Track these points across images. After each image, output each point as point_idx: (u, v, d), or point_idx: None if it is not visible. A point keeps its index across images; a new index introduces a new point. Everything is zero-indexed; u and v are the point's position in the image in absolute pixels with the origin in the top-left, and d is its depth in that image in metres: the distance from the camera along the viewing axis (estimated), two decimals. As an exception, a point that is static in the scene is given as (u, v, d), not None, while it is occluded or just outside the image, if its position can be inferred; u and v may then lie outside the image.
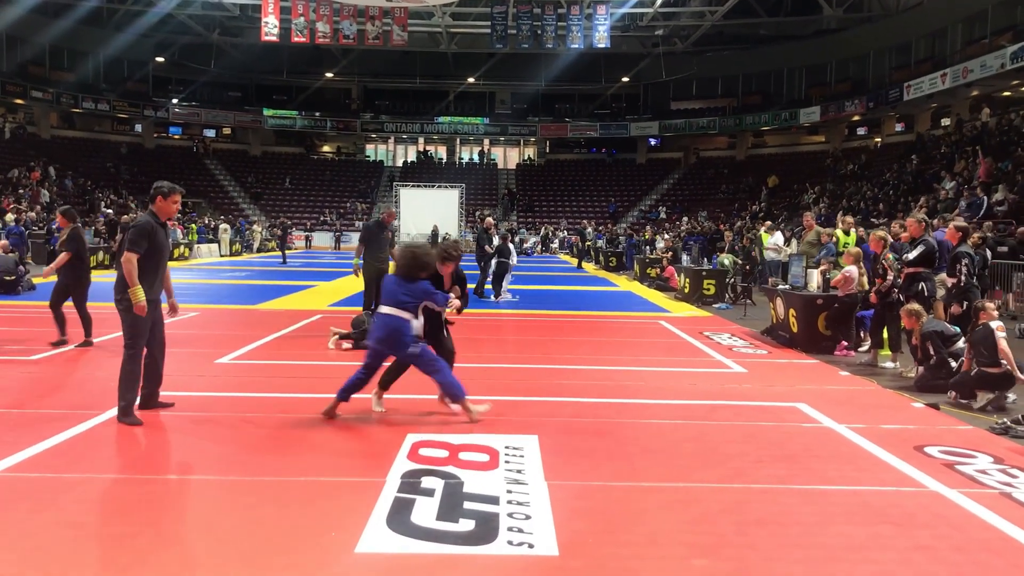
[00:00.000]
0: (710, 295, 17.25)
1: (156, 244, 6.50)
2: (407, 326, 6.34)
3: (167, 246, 6.74)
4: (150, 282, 6.46)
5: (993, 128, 30.63)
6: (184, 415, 6.71)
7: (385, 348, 6.43)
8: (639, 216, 49.62)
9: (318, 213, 50.45)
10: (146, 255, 6.41)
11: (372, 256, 11.72)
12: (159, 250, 6.56)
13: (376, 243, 11.82)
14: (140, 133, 52.28)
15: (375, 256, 11.69)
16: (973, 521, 4.57)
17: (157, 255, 6.53)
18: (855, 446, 6.13)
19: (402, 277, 6.45)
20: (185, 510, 4.56)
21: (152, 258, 6.48)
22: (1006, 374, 7.58)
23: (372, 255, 11.73)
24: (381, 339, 6.39)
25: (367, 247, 11.79)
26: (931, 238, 9.61)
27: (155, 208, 6.61)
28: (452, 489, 4.88)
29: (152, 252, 6.46)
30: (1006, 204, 21.37)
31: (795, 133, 50.44)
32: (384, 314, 6.38)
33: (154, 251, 6.49)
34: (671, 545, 4.16)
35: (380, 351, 6.46)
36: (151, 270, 6.49)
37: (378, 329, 6.41)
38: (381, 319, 6.40)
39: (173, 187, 6.66)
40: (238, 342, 10.46)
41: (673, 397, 7.66)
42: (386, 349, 6.44)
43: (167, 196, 6.59)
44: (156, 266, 6.56)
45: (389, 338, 6.35)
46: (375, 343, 6.43)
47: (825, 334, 10.73)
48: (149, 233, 6.46)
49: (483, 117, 55.95)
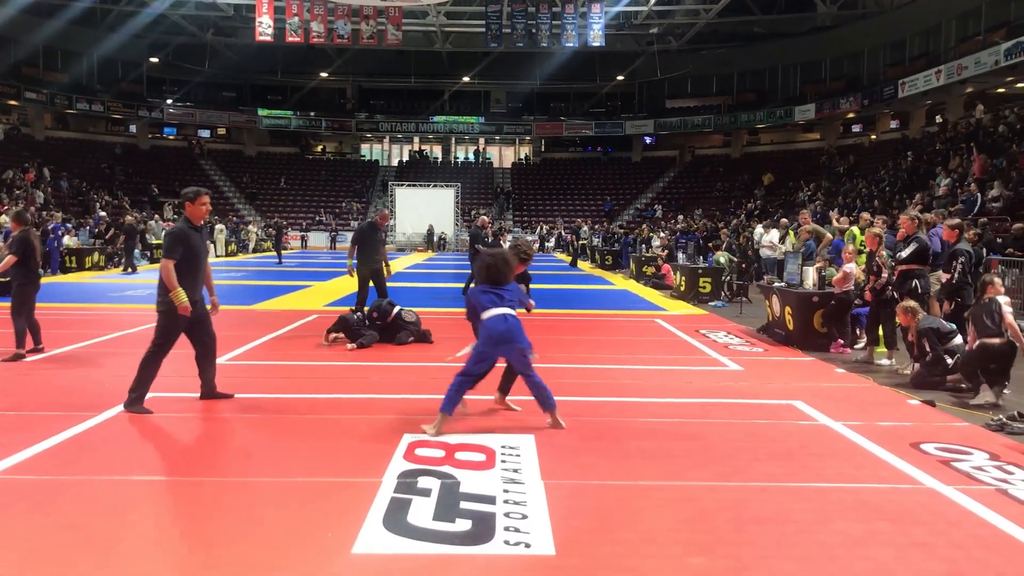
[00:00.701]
0: (706, 293, 17.27)
1: (191, 248, 6.79)
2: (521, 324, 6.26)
3: (203, 248, 6.98)
4: (190, 284, 6.74)
5: (987, 125, 30.68)
6: (180, 416, 6.71)
7: (503, 348, 6.17)
8: (635, 214, 49.61)
9: (313, 213, 50.41)
10: (183, 259, 6.71)
11: (366, 257, 11.72)
12: (195, 254, 6.84)
13: (369, 245, 11.82)
14: (134, 134, 52.12)
15: (369, 257, 11.69)
16: (969, 518, 4.58)
17: (194, 258, 6.82)
18: (851, 443, 6.13)
19: (495, 282, 6.30)
20: (182, 511, 4.55)
21: (189, 262, 6.77)
22: (1009, 345, 7.58)
23: (366, 256, 11.73)
24: (503, 338, 6.11)
25: (360, 248, 11.79)
26: (923, 235, 9.62)
27: (187, 214, 6.95)
28: (448, 489, 4.87)
29: (189, 256, 6.75)
30: (1001, 200, 21.40)
31: (790, 131, 50.47)
32: (500, 316, 6.13)
33: (190, 255, 6.77)
34: (668, 543, 4.16)
35: (492, 354, 6.23)
36: (189, 273, 6.77)
37: (498, 330, 6.10)
38: (499, 321, 6.12)
39: (198, 190, 6.97)
40: (234, 343, 10.43)
41: (669, 395, 7.67)
42: (503, 349, 6.18)
43: (194, 200, 6.90)
44: (194, 269, 6.84)
45: (511, 337, 6.12)
46: (491, 346, 6.14)
47: (821, 331, 10.75)
48: (183, 239, 6.76)
49: (478, 116, 55.90)
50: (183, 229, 6.86)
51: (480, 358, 6.20)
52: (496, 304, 6.17)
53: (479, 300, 6.26)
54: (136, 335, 11.25)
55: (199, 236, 6.95)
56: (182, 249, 6.73)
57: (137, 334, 11.32)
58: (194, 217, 6.94)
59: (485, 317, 6.15)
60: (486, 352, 6.20)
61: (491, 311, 6.15)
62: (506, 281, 6.37)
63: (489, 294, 6.25)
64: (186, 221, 6.94)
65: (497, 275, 6.34)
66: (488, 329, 6.14)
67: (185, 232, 6.83)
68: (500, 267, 6.39)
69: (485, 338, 6.15)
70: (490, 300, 6.21)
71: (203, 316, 6.99)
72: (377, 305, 10.76)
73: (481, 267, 6.46)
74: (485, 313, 6.16)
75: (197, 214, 6.95)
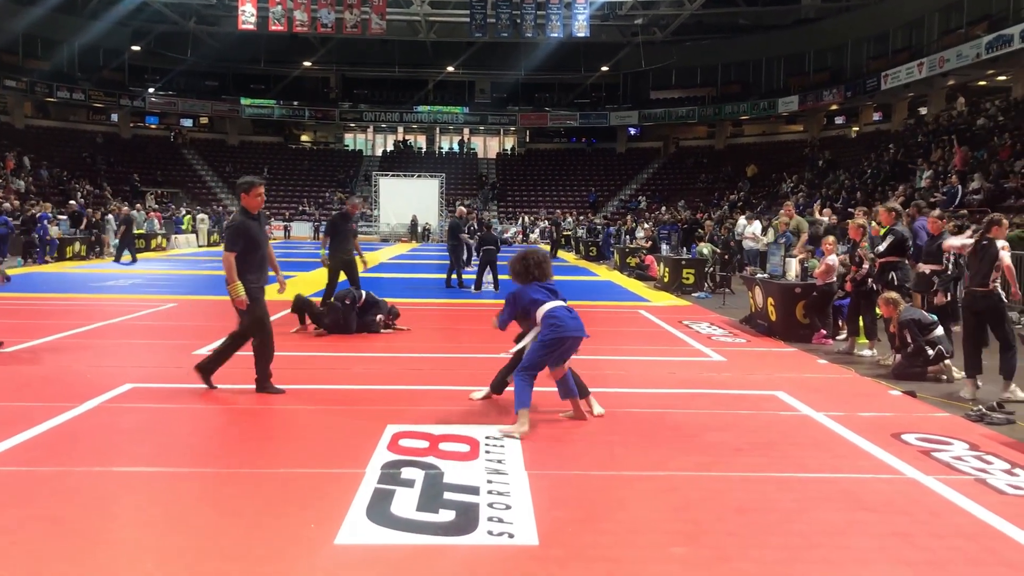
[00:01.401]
0: (689, 284, 17.33)
1: (251, 239, 6.93)
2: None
3: (262, 236, 7.11)
4: (257, 273, 6.96)
5: (968, 117, 30.89)
6: (162, 407, 6.67)
7: (571, 340, 6.07)
8: (619, 206, 49.69)
9: (297, 203, 50.20)
10: (246, 250, 6.89)
11: (338, 248, 11.61)
12: (256, 243, 6.98)
13: (341, 235, 11.71)
14: (116, 123, 51.74)
15: (341, 248, 11.59)
16: (949, 507, 4.62)
17: (255, 248, 6.97)
18: (833, 434, 6.17)
19: (543, 277, 6.23)
20: (163, 503, 4.52)
21: (252, 252, 6.94)
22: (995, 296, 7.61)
23: (338, 247, 11.62)
24: (575, 327, 6.06)
25: (332, 239, 11.68)
26: (901, 227, 9.67)
27: (243, 204, 7.07)
28: (432, 480, 4.87)
29: (250, 247, 6.92)
30: (981, 193, 21.56)
31: (774, 122, 50.67)
32: (563, 307, 6.08)
33: (251, 246, 6.94)
34: (651, 533, 4.17)
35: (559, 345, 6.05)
36: (253, 263, 6.95)
37: (569, 321, 6.03)
38: (564, 311, 6.06)
39: (251, 182, 7.06)
40: (216, 333, 10.34)
41: (652, 386, 7.69)
42: (572, 341, 6.08)
43: (248, 191, 7.01)
44: (257, 258, 7.00)
45: (580, 327, 6.09)
46: (560, 334, 5.99)
47: (803, 323, 10.81)
48: (242, 231, 6.91)
49: (463, 106, 55.80)
50: (242, 221, 6.98)
51: (548, 348, 5.97)
52: (552, 298, 6.10)
53: (532, 297, 6.12)
54: (117, 325, 11.19)
55: (257, 225, 7.07)
56: (242, 241, 6.89)
57: (119, 324, 11.26)
58: (251, 207, 7.04)
59: (548, 308, 6.03)
60: (555, 342, 5.97)
61: (551, 303, 6.06)
62: (551, 276, 6.32)
63: (542, 290, 6.16)
64: (243, 212, 7.05)
65: (542, 272, 6.25)
66: (559, 319, 5.99)
67: (244, 224, 6.96)
68: (543, 263, 6.31)
69: (554, 328, 5.96)
70: (545, 295, 6.11)
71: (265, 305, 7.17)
72: (346, 293, 10.79)
73: (521, 266, 6.27)
74: (545, 306, 6.04)
75: (253, 204, 7.05)
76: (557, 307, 6.05)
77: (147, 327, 11.23)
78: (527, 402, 5.90)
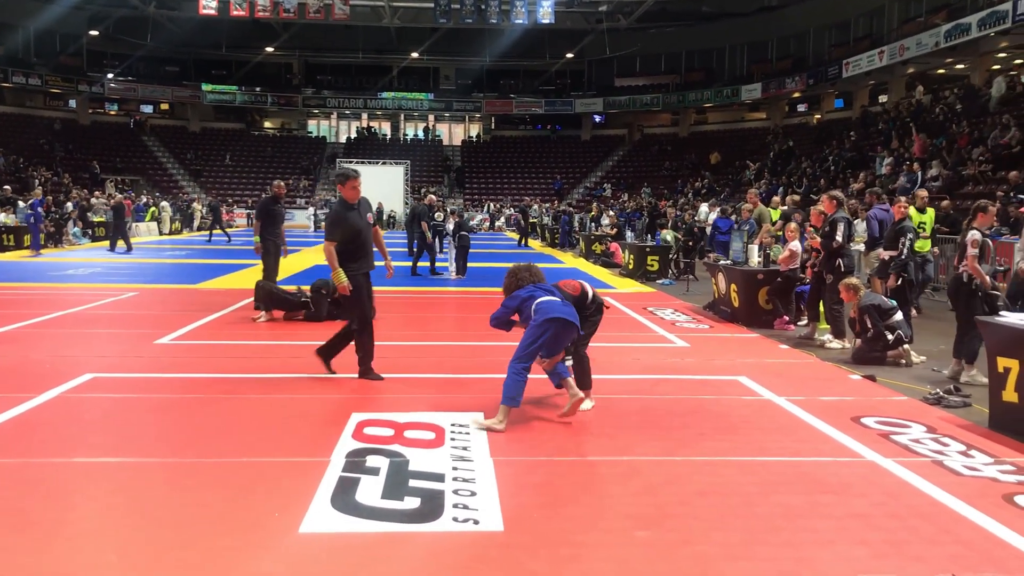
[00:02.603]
0: (654, 271, 17.44)
1: (349, 228, 7.10)
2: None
3: (363, 223, 7.22)
4: (360, 261, 7.16)
5: (927, 105, 31.32)
6: (124, 397, 6.60)
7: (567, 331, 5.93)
8: (584, 193, 49.80)
9: (260, 190, 49.49)
10: (347, 239, 7.09)
11: (270, 232, 11.41)
12: (355, 231, 7.14)
13: (273, 218, 11.54)
14: (74, 109, 50.74)
15: (273, 232, 11.42)
16: (907, 489, 4.71)
17: (355, 236, 7.14)
18: (794, 417, 6.26)
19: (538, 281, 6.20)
20: (125, 493, 4.47)
21: (352, 240, 7.12)
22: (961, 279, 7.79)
23: (270, 231, 11.42)
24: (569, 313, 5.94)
25: (264, 223, 11.48)
26: (843, 214, 9.77)
27: (342, 195, 7.28)
28: (397, 467, 4.87)
29: (350, 236, 7.10)
30: (940, 180, 21.89)
31: (737, 110, 50.98)
32: (559, 300, 5.98)
33: (351, 234, 7.11)
34: (615, 518, 4.21)
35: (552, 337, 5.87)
36: (355, 250, 7.14)
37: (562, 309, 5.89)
38: (557, 302, 5.95)
39: (347, 173, 7.25)
40: (178, 322, 10.28)
41: (617, 372, 7.73)
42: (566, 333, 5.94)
43: (344, 183, 7.20)
44: (358, 246, 7.16)
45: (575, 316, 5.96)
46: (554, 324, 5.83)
47: (766, 308, 10.93)
48: (339, 221, 7.12)
49: (427, 93, 55.46)
50: (339, 211, 7.19)
51: (539, 331, 5.81)
52: (549, 295, 6.00)
53: (525, 295, 6.01)
54: (77, 315, 11.02)
55: (357, 213, 7.19)
56: (340, 231, 7.08)
57: (79, 314, 11.10)
58: (348, 198, 7.19)
59: (540, 300, 5.93)
60: (544, 324, 5.80)
61: (546, 297, 5.97)
62: (543, 280, 6.26)
63: (537, 289, 6.07)
64: (341, 202, 7.26)
65: (532, 276, 6.21)
66: (549, 304, 5.89)
67: (342, 214, 7.15)
68: (531, 269, 6.30)
69: (542, 311, 5.84)
70: (540, 291, 6.02)
71: (370, 287, 7.33)
72: (323, 283, 10.74)
73: (514, 281, 6.22)
74: (541, 299, 5.94)
75: (349, 195, 7.19)
76: (549, 299, 5.95)
77: (108, 316, 11.08)
78: (517, 398, 5.71)
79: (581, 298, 6.32)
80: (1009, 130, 22.47)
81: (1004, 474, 4.97)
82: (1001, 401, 6.06)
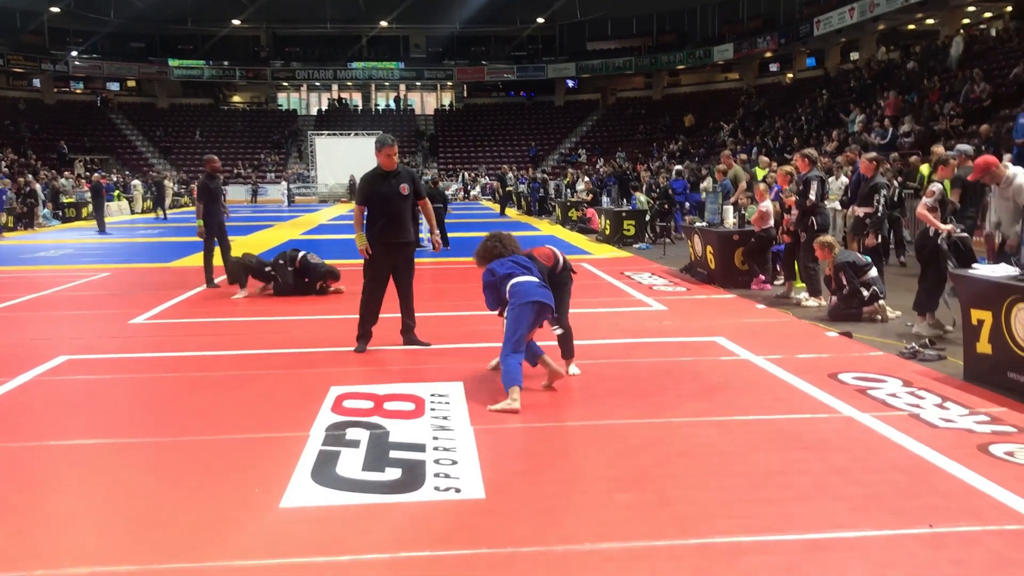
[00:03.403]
0: (630, 236, 17.44)
1: (377, 193, 7.17)
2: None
3: (393, 191, 7.18)
4: (383, 226, 7.15)
5: (898, 61, 31.36)
6: (98, 378, 6.54)
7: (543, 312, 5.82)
8: (560, 159, 49.64)
9: (231, 166, 49.04)
10: (374, 204, 7.17)
11: (213, 210, 11.19)
12: (381, 198, 7.16)
13: (216, 197, 11.37)
14: (39, 88, 49.82)
15: (215, 210, 11.23)
16: (884, 443, 4.75)
17: (381, 202, 7.16)
18: (772, 376, 6.30)
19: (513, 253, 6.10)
20: (103, 474, 4.44)
21: (378, 206, 7.16)
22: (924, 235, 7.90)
23: (213, 209, 11.20)
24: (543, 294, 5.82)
25: (206, 203, 11.21)
26: (816, 173, 9.77)
27: (378, 161, 7.27)
28: (378, 439, 4.86)
29: (376, 201, 7.16)
30: (912, 136, 21.96)
31: (709, 71, 50.85)
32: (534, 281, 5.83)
33: (377, 200, 7.16)
34: (595, 481, 4.22)
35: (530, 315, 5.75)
36: (382, 216, 7.16)
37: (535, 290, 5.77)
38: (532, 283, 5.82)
39: (383, 140, 7.27)
40: (153, 301, 10.19)
41: (595, 337, 7.73)
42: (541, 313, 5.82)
43: (380, 150, 7.21)
44: (385, 212, 7.16)
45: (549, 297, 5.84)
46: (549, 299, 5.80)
47: (742, 269, 10.96)
48: (366, 185, 7.27)
49: (398, 62, 54.91)
50: (369, 175, 7.32)
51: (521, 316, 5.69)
52: (524, 273, 5.87)
53: (502, 273, 5.89)
54: (49, 297, 10.90)
55: (387, 181, 7.18)
56: (365, 196, 7.20)
57: (51, 296, 10.97)
58: (383, 165, 7.22)
59: (514, 281, 5.80)
60: (524, 308, 5.69)
61: (520, 277, 5.83)
62: (519, 250, 6.17)
63: (511, 264, 5.94)
64: (376, 168, 7.30)
65: (504, 246, 6.11)
66: (523, 287, 5.76)
67: (371, 178, 7.26)
68: (502, 238, 6.20)
69: (518, 295, 5.73)
70: (514, 268, 5.89)
71: (405, 260, 7.35)
72: (282, 254, 10.86)
73: (483, 250, 6.16)
74: (516, 278, 5.82)
75: (384, 163, 7.22)
76: (524, 280, 5.83)
77: (81, 298, 10.96)
78: (518, 379, 5.53)
79: (554, 266, 6.30)
80: (979, 84, 22.55)
81: (979, 424, 5.03)
82: (975, 353, 6.13)
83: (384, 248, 7.17)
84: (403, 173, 7.30)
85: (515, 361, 5.59)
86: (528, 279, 5.85)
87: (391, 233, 7.17)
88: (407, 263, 7.37)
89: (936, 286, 7.77)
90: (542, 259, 6.22)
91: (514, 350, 5.64)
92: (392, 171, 7.23)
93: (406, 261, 7.36)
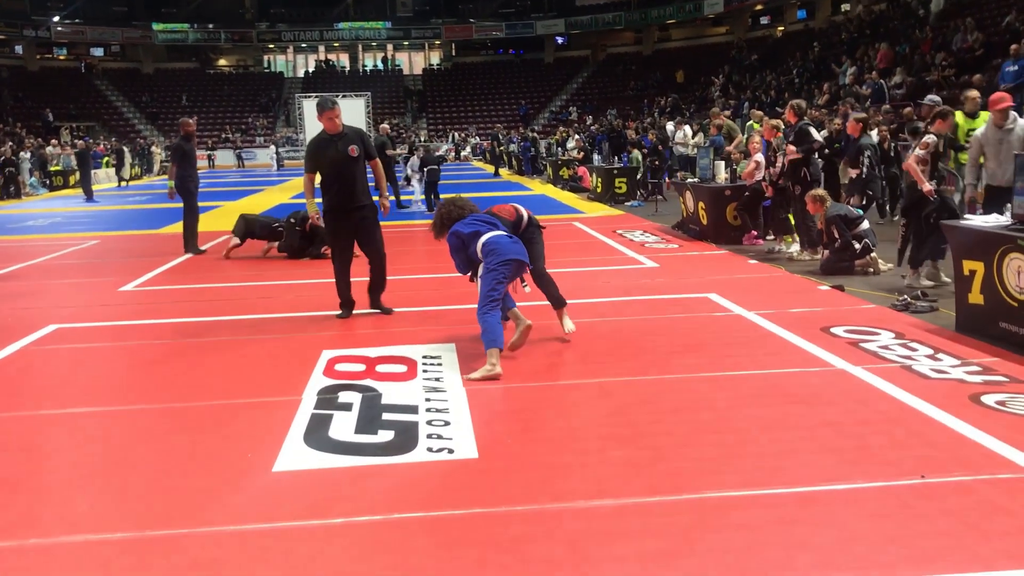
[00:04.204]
0: (622, 193, 17.37)
1: (325, 159, 6.93)
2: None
3: (342, 156, 6.90)
4: (336, 192, 6.93)
5: (888, 13, 31.07)
6: (89, 347, 6.51)
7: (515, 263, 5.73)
8: (551, 117, 49.25)
9: (219, 131, 48.63)
10: (324, 171, 6.96)
11: (188, 172, 11.19)
12: (330, 163, 6.90)
13: (190, 159, 11.29)
14: (21, 55, 49.09)
15: (190, 172, 11.20)
16: (876, 395, 4.76)
17: (330, 167, 6.91)
18: (764, 331, 6.29)
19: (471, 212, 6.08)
20: (94, 443, 4.42)
21: (327, 173, 6.94)
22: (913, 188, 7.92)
23: (187, 171, 11.21)
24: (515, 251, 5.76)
25: (181, 164, 11.21)
26: (805, 122, 9.69)
27: (323, 126, 7.05)
28: (370, 402, 4.85)
29: (324, 167, 6.95)
30: (904, 87, 21.81)
31: (699, 25, 50.40)
32: (503, 234, 5.80)
33: (326, 166, 6.93)
34: (589, 439, 4.22)
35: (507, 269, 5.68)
36: (334, 183, 6.93)
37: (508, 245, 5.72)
38: (504, 237, 5.77)
39: (322, 103, 7.07)
40: (142, 268, 10.14)
41: (588, 296, 7.71)
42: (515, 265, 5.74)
43: (321, 114, 6.99)
44: (336, 178, 6.92)
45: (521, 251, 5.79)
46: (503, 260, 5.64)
47: (734, 224, 10.93)
48: (312, 152, 7.11)
49: (385, 21, 54.24)
50: (315, 141, 7.10)
51: (498, 274, 5.60)
52: (491, 229, 5.81)
53: (467, 232, 5.80)
54: (38, 265, 10.83)
55: (334, 145, 6.91)
56: (314, 163, 7.03)
57: (40, 264, 10.90)
58: (327, 128, 6.99)
59: (485, 238, 5.71)
60: (501, 265, 5.62)
61: (489, 234, 5.75)
62: (475, 210, 6.10)
63: (476, 223, 5.86)
64: (320, 133, 7.06)
65: (460, 211, 6.03)
66: (497, 244, 5.67)
67: (316, 143, 7.05)
68: (455, 202, 6.13)
69: (494, 253, 5.64)
70: (481, 226, 5.81)
71: (362, 226, 7.07)
72: (294, 213, 10.92)
73: (439, 220, 6.10)
74: (482, 237, 5.73)
75: (327, 126, 6.99)
76: (495, 235, 5.77)
77: (69, 266, 10.89)
78: (498, 339, 5.41)
79: (517, 222, 6.24)
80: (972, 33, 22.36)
81: (970, 375, 5.04)
82: (967, 303, 6.13)
83: (342, 214, 6.96)
84: (350, 134, 7.02)
85: (493, 319, 5.49)
86: (497, 233, 5.78)
87: (345, 198, 6.93)
88: (369, 226, 7.09)
89: (925, 239, 7.75)
90: (504, 215, 6.16)
91: (491, 308, 5.56)
92: (337, 133, 6.95)
93: (367, 224, 7.07)
